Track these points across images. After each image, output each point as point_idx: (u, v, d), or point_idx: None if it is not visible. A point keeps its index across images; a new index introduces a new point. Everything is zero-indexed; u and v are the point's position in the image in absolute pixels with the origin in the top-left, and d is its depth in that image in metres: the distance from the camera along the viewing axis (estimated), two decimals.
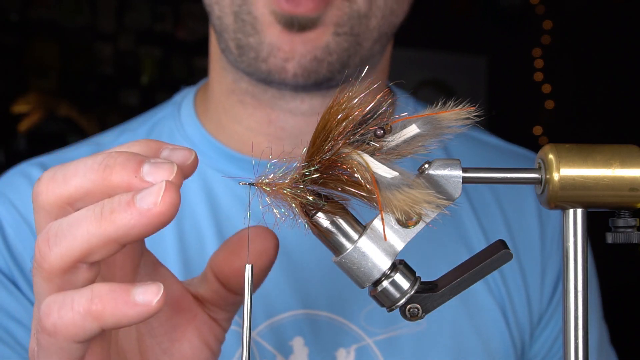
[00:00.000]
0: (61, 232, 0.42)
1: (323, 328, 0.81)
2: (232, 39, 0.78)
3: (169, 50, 3.38)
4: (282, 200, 0.45)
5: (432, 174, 0.45)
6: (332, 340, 0.80)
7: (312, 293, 0.82)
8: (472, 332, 0.83)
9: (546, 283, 0.89)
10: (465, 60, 3.72)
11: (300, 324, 0.80)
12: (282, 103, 0.82)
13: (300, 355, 0.79)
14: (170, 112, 0.91)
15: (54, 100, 3.11)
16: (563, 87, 3.79)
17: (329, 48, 0.76)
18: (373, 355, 0.81)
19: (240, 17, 0.77)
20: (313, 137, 0.44)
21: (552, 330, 0.88)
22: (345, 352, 0.80)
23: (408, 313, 0.46)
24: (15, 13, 3.12)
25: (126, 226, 0.40)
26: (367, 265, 0.45)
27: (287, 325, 0.80)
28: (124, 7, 3.31)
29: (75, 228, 0.41)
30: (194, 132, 0.88)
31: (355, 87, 0.44)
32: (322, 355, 0.80)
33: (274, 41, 0.76)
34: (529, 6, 3.79)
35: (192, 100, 0.91)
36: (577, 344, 0.45)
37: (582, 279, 0.46)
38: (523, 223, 0.90)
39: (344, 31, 0.77)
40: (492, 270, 0.46)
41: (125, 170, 0.41)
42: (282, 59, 0.76)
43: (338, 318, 0.81)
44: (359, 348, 0.81)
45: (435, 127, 0.45)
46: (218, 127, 0.87)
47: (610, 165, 0.45)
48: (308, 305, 0.81)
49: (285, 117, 0.83)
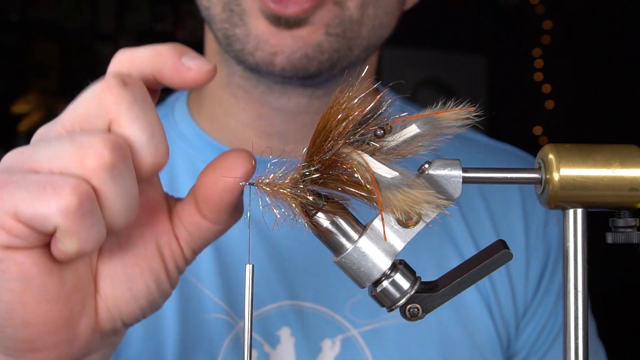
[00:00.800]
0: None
1: (309, 318, 0.82)
2: (218, 29, 0.79)
3: None
4: (282, 200, 0.45)
5: (432, 174, 0.45)
6: (318, 330, 0.82)
7: (299, 284, 0.83)
8: (458, 325, 0.84)
9: (530, 275, 0.90)
10: (465, 60, 3.72)
11: (287, 315, 0.82)
12: (271, 99, 0.84)
13: (287, 345, 0.81)
14: (163, 113, 0.93)
15: (54, 100, 3.11)
16: (563, 87, 3.79)
17: (321, 47, 0.76)
18: (358, 345, 0.82)
19: (229, 7, 0.77)
20: (313, 137, 0.44)
21: (537, 323, 0.89)
22: (331, 342, 0.82)
23: (408, 313, 0.46)
24: (15, 13, 3.12)
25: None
26: (367, 265, 0.45)
27: (274, 316, 0.82)
28: (124, 7, 3.31)
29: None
30: (187, 129, 0.89)
31: (355, 87, 0.44)
32: (308, 345, 0.82)
33: (260, 34, 0.76)
34: (528, 6, 3.79)
35: (186, 99, 0.93)
36: (577, 344, 0.45)
37: (582, 279, 0.46)
38: (507, 214, 0.91)
39: (335, 32, 0.77)
40: (492, 270, 0.46)
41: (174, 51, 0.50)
42: (270, 52, 0.76)
43: (324, 309, 0.83)
44: (344, 338, 0.82)
45: (435, 127, 0.45)
46: (211, 122, 0.89)
47: (610, 165, 0.45)
48: (295, 296, 0.83)
49: (273, 113, 0.85)
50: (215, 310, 0.83)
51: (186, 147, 0.89)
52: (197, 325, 0.82)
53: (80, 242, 0.44)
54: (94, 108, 0.46)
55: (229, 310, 0.83)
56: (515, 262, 0.89)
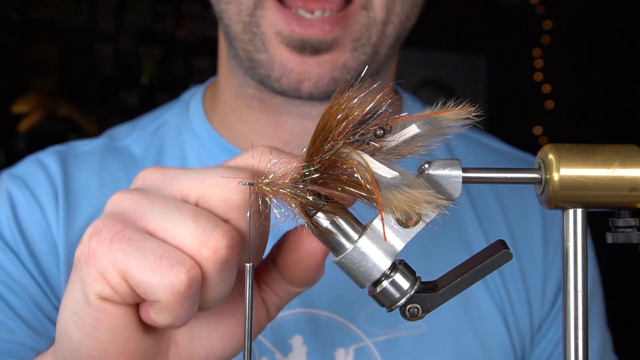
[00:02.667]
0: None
1: (323, 327, 0.81)
2: (242, 48, 0.77)
3: (169, 50, 3.38)
4: (282, 200, 0.45)
5: (432, 174, 0.45)
6: (331, 339, 0.81)
7: (313, 293, 0.81)
8: (472, 336, 0.83)
9: (548, 289, 0.88)
10: (465, 60, 3.72)
11: (300, 323, 0.81)
12: (292, 107, 0.82)
13: (299, 354, 0.80)
14: (178, 110, 0.92)
15: (54, 100, 3.11)
16: (563, 87, 3.78)
17: (347, 66, 0.74)
18: (372, 356, 0.81)
19: (249, 29, 0.75)
20: (313, 137, 0.44)
21: (552, 337, 0.88)
22: (344, 352, 0.81)
23: (408, 313, 0.46)
24: (15, 13, 3.12)
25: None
26: (367, 265, 0.45)
27: (287, 324, 0.81)
28: (124, 7, 3.30)
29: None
30: (201, 129, 0.88)
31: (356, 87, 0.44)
32: (321, 354, 0.80)
33: (285, 62, 0.74)
34: (528, 6, 3.78)
35: (201, 98, 0.91)
36: (577, 344, 0.45)
37: (582, 279, 0.45)
38: (526, 228, 0.90)
39: (361, 43, 0.75)
40: (492, 270, 0.46)
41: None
42: (296, 80, 0.74)
43: (338, 318, 0.82)
44: (358, 348, 0.81)
45: (435, 127, 0.45)
46: (225, 126, 0.88)
47: (610, 165, 0.45)
48: (309, 304, 0.82)
49: (294, 120, 0.82)
50: None
51: (198, 147, 0.87)
52: None
53: (174, 318, 0.44)
54: (220, 197, 0.46)
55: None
56: (532, 276, 0.88)
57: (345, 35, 0.74)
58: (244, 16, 0.75)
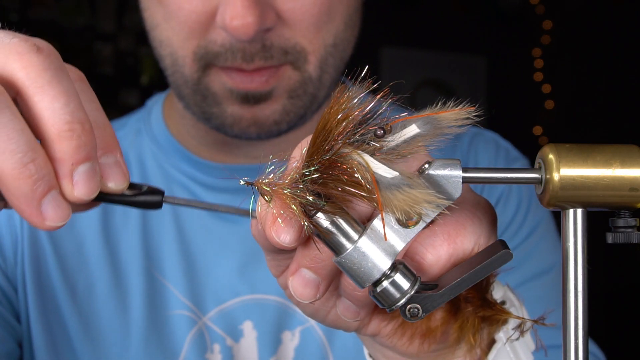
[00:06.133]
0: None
1: (270, 312, 0.87)
2: (194, 104, 0.86)
3: None
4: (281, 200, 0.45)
5: (432, 174, 0.45)
6: (278, 323, 0.87)
7: (260, 278, 0.88)
8: None
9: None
10: (465, 60, 3.72)
11: (250, 309, 0.87)
12: (238, 142, 0.91)
13: (249, 338, 0.86)
14: (141, 116, 1.02)
15: None
16: (563, 87, 3.79)
17: (285, 109, 0.83)
18: (316, 335, 0.87)
19: (200, 93, 0.84)
20: (313, 137, 0.44)
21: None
22: (291, 334, 0.87)
23: (408, 313, 0.46)
24: (15, 13, 3.12)
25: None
26: (367, 265, 0.45)
27: (236, 311, 0.87)
28: (124, 7, 3.31)
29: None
30: (160, 133, 0.97)
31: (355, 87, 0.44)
32: (270, 337, 0.87)
33: (236, 113, 0.83)
34: (528, 6, 3.79)
35: (161, 104, 1.01)
36: (577, 344, 0.45)
37: (582, 279, 0.45)
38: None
39: (297, 94, 0.84)
40: (492, 270, 0.46)
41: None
42: (246, 126, 0.84)
43: (285, 302, 0.88)
44: (303, 330, 0.87)
45: (435, 127, 0.45)
46: (180, 132, 0.97)
47: (611, 165, 0.45)
48: (257, 290, 0.88)
49: (240, 142, 0.91)
50: (179, 307, 0.87)
51: (156, 150, 0.96)
52: (161, 321, 0.87)
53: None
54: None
55: (192, 306, 0.87)
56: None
57: (279, 88, 0.83)
58: (191, 85, 0.84)
